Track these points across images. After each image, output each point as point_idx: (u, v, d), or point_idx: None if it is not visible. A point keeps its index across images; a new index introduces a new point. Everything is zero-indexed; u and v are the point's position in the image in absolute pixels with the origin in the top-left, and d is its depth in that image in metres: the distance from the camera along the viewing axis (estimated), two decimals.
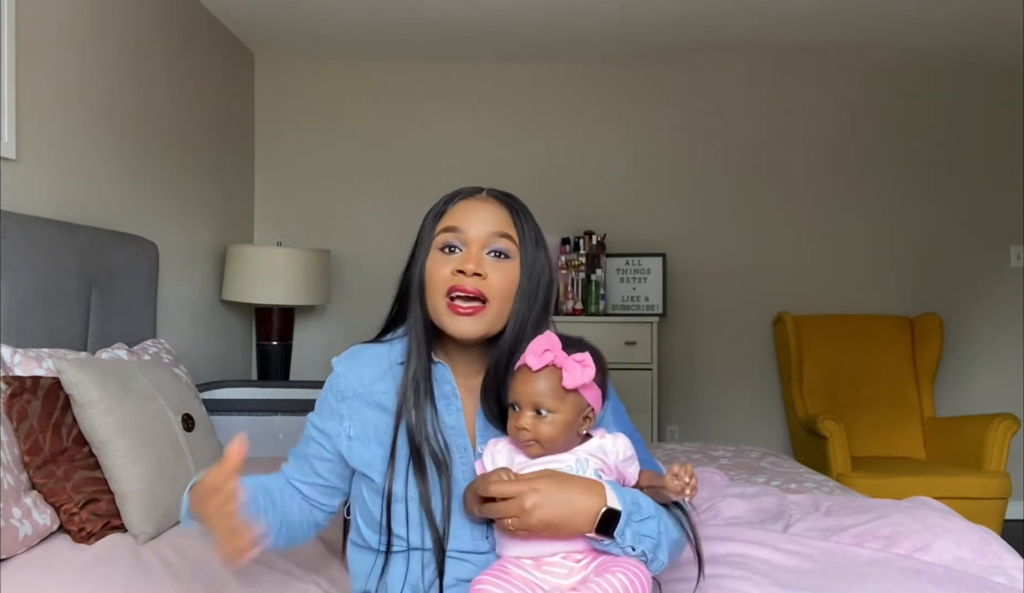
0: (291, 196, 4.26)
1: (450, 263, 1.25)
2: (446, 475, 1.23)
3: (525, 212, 1.30)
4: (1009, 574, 1.51)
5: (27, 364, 1.88)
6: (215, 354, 3.67)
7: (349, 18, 3.68)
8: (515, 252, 1.26)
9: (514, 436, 1.20)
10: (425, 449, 1.23)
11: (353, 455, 1.29)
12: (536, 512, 1.11)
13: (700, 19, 3.62)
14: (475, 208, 1.27)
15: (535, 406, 1.18)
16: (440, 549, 1.20)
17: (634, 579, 1.11)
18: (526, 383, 1.19)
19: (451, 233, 1.26)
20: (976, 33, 3.76)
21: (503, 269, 1.25)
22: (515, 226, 1.27)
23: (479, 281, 1.23)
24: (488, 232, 1.25)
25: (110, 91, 2.74)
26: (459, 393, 1.30)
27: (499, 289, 1.24)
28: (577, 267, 4.01)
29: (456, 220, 1.26)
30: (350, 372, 1.33)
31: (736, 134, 4.32)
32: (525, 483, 1.14)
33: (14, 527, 1.60)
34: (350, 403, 1.31)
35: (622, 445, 1.22)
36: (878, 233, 4.31)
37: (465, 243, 1.25)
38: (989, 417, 3.62)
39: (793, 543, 1.60)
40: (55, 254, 2.15)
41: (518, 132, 4.30)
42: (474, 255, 1.24)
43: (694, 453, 2.82)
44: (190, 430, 1.98)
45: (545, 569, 1.15)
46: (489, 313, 1.24)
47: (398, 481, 1.23)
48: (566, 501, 1.12)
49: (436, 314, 1.26)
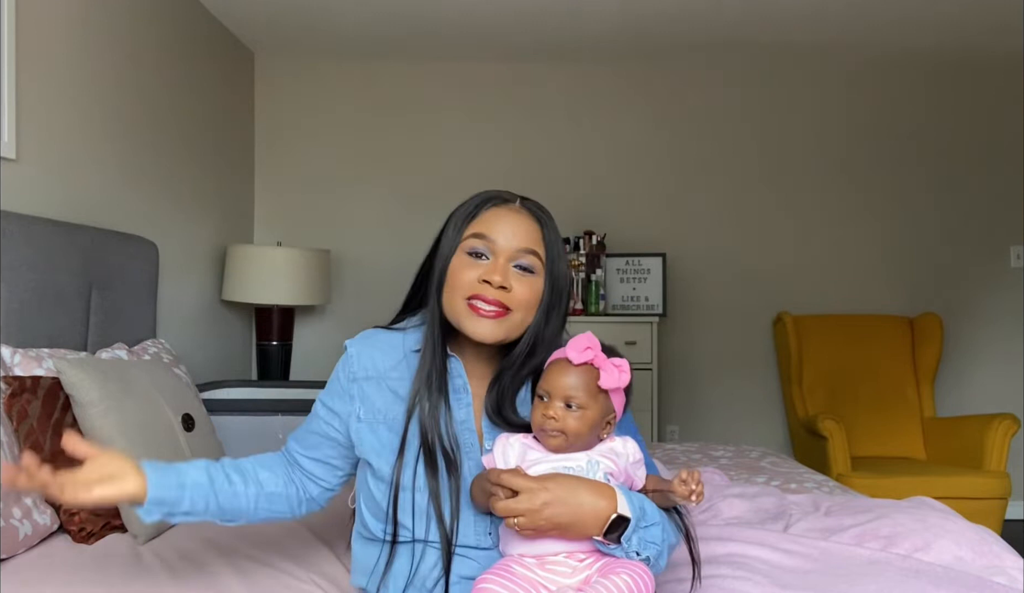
0: (291, 196, 4.26)
1: (476, 270, 1.26)
2: (455, 473, 1.24)
3: (553, 226, 1.32)
4: (1009, 574, 1.51)
5: (27, 364, 1.88)
6: (215, 354, 3.67)
7: (349, 18, 3.68)
8: (540, 268, 1.28)
9: (540, 425, 1.20)
10: (437, 446, 1.24)
11: (361, 439, 1.30)
12: (545, 512, 1.11)
13: (700, 19, 3.62)
14: (507, 218, 1.28)
15: (567, 399, 1.19)
16: (448, 547, 1.21)
17: (639, 580, 1.12)
18: (563, 375, 1.20)
19: (480, 240, 1.27)
20: (975, 33, 3.76)
21: (528, 283, 1.27)
22: (543, 241, 1.29)
23: (503, 293, 1.24)
24: (517, 247, 1.26)
25: (110, 91, 2.74)
26: (470, 388, 1.31)
27: (522, 301, 1.26)
28: (577, 267, 4.01)
29: (487, 228, 1.27)
30: (364, 355, 1.34)
31: (736, 134, 4.32)
32: (536, 482, 1.14)
33: (14, 527, 1.60)
34: (362, 385, 1.32)
35: (632, 448, 1.23)
36: (878, 233, 4.31)
37: (493, 253, 1.26)
38: (989, 417, 3.62)
39: (793, 543, 1.60)
40: (55, 254, 2.15)
41: (518, 132, 4.30)
42: (500, 267, 1.25)
43: (694, 453, 2.82)
44: (190, 430, 1.98)
45: (548, 568, 1.15)
46: (511, 320, 1.26)
47: (406, 471, 1.24)
48: (576, 503, 1.13)
49: (454, 313, 1.27)
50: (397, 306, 1.42)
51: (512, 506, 1.12)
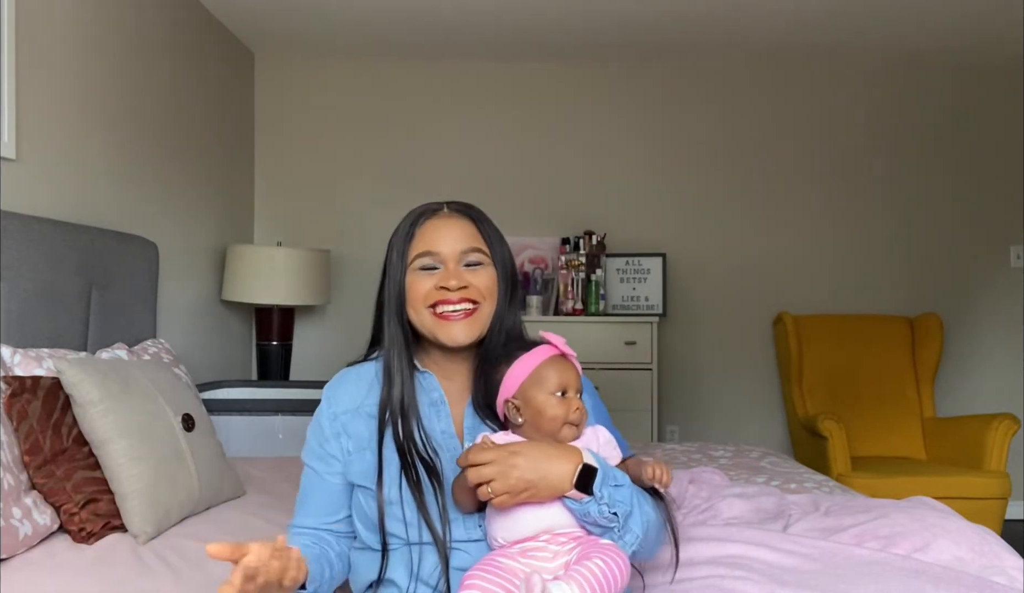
0: (291, 196, 4.26)
1: (431, 279, 1.32)
2: (437, 479, 1.27)
3: (484, 217, 1.39)
4: (1009, 574, 1.51)
5: (27, 364, 1.88)
6: (215, 354, 3.67)
7: (349, 18, 3.68)
8: (487, 259, 1.35)
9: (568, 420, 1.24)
10: (416, 458, 1.28)
11: (351, 468, 1.33)
12: (514, 472, 1.16)
13: (700, 19, 3.62)
14: (442, 227, 1.35)
15: (578, 390, 1.27)
16: (444, 553, 1.24)
17: (611, 563, 1.14)
18: (567, 370, 1.27)
19: (427, 256, 1.33)
20: (976, 33, 3.77)
21: (481, 273, 1.34)
22: (482, 235, 1.36)
23: (464, 292, 1.31)
24: (460, 249, 1.34)
25: (110, 91, 2.74)
26: (446, 398, 1.35)
27: (484, 290, 1.33)
28: (577, 267, 4.01)
29: (428, 244, 1.34)
30: (340, 393, 1.39)
31: (736, 134, 4.32)
32: (504, 448, 1.19)
33: (14, 527, 1.60)
34: (343, 420, 1.36)
35: (602, 433, 1.30)
36: (878, 233, 4.31)
37: (442, 262, 1.33)
38: (989, 417, 3.61)
39: (793, 543, 1.60)
40: (55, 254, 2.15)
41: (518, 132, 4.30)
42: (453, 271, 1.32)
43: (694, 453, 2.81)
44: (190, 430, 1.98)
45: (531, 555, 1.19)
46: (481, 314, 1.33)
47: (392, 487, 1.27)
48: (543, 457, 1.18)
49: (424, 326, 1.33)
50: None
51: (483, 471, 1.16)
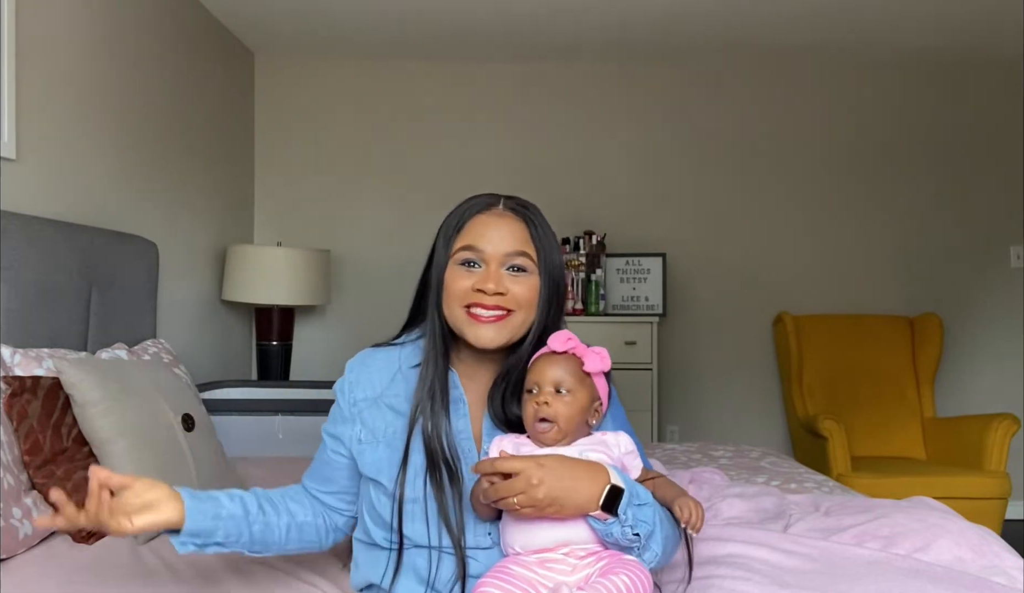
0: (291, 196, 4.26)
1: (470, 278, 1.27)
2: (457, 483, 1.26)
3: (540, 220, 1.32)
4: (1009, 574, 1.50)
5: (27, 364, 1.88)
6: (215, 354, 3.67)
7: (349, 18, 3.68)
8: (533, 266, 1.29)
9: (533, 415, 1.21)
10: (439, 458, 1.26)
11: (362, 458, 1.32)
12: (542, 487, 1.12)
13: (700, 19, 3.62)
14: (492, 224, 1.29)
15: (556, 385, 1.21)
16: (461, 556, 1.23)
17: (636, 581, 1.12)
18: (549, 365, 1.23)
19: (469, 251, 1.28)
20: (976, 32, 3.77)
21: (523, 281, 1.28)
22: (532, 240, 1.30)
23: (500, 299, 1.26)
24: (506, 251, 1.28)
25: (110, 91, 2.74)
26: (466, 399, 1.33)
27: (522, 300, 1.28)
28: (577, 267, 4.01)
29: (474, 238, 1.28)
30: (362, 377, 1.36)
31: (736, 134, 4.32)
32: (530, 459, 1.16)
33: (14, 527, 1.60)
34: (361, 407, 1.34)
35: (624, 440, 1.25)
36: (878, 233, 4.31)
37: (484, 261, 1.28)
38: (989, 417, 3.62)
39: (793, 543, 1.59)
40: (55, 254, 2.15)
41: (518, 132, 4.30)
42: (493, 274, 1.27)
43: (694, 453, 2.81)
44: (190, 430, 1.98)
45: (548, 567, 1.16)
46: (512, 322, 1.28)
47: (411, 485, 1.26)
48: (571, 476, 1.14)
49: (455, 322, 1.29)
50: (397, 306, 1.44)
51: (510, 485, 1.13)
